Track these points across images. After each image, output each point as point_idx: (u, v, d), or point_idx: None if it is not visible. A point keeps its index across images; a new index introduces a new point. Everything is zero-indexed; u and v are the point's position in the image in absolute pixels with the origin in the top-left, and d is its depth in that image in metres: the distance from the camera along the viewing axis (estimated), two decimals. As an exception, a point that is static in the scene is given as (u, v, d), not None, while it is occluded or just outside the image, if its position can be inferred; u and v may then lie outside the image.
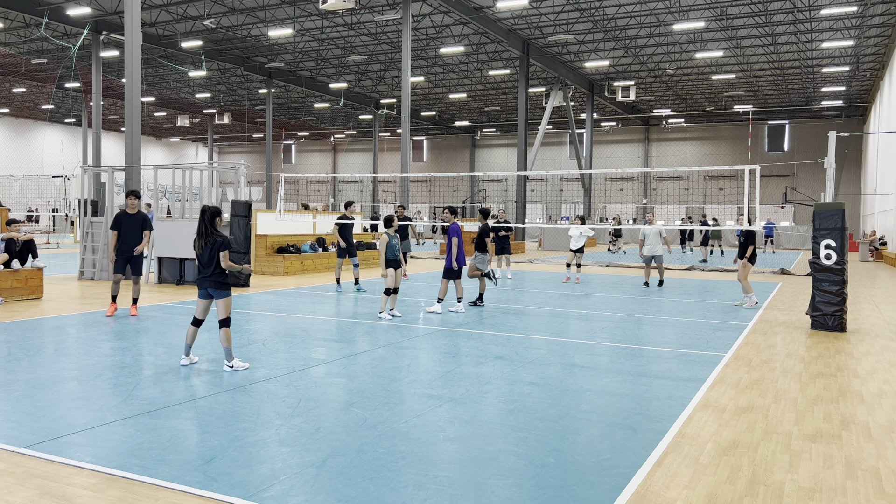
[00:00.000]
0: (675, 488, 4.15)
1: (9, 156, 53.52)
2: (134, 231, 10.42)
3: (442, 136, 63.13)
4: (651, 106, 49.79)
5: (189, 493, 3.93)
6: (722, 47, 33.12)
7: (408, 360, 7.69)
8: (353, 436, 4.96)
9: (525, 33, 32.33)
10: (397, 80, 41.48)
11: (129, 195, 10.58)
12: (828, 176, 11.50)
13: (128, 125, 15.89)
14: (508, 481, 4.19)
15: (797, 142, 50.41)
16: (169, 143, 70.20)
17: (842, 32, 30.38)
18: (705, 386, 6.69)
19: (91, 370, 6.86)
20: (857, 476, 4.43)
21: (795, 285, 17.32)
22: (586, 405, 5.92)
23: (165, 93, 47.25)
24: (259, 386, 6.35)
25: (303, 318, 10.67)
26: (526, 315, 11.36)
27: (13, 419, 5.24)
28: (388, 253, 10.83)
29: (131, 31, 15.81)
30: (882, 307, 13.31)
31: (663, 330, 10.11)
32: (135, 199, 10.51)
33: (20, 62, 37.81)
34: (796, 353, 8.53)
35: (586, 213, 41.88)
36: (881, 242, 31.44)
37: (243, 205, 14.70)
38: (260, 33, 33.35)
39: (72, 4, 28.51)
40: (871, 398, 6.37)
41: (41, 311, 10.90)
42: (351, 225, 14.52)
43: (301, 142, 69.23)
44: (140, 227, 10.50)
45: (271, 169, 47.41)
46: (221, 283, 6.96)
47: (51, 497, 3.87)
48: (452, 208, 11.88)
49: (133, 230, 10.41)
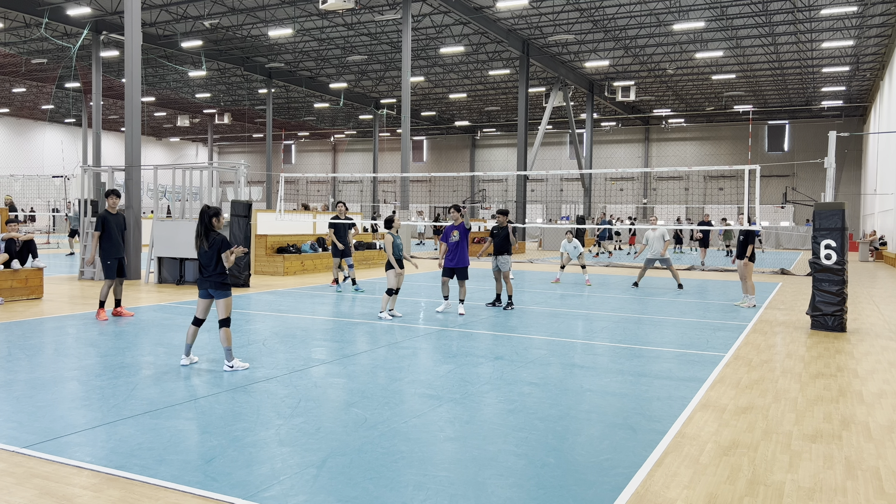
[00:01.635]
0: (675, 488, 4.15)
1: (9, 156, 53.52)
2: (120, 231, 10.34)
3: (442, 136, 63.13)
4: (651, 106, 49.79)
5: (189, 493, 3.93)
6: (722, 47, 33.11)
7: (408, 360, 7.69)
8: (353, 436, 4.97)
9: (525, 33, 32.33)
10: (397, 80, 41.48)
11: (111, 194, 10.50)
12: (828, 176, 11.50)
13: (128, 125, 15.89)
14: (508, 481, 4.19)
15: (797, 142, 50.41)
16: (169, 143, 70.20)
17: (842, 32, 30.37)
18: (705, 386, 6.69)
19: (91, 370, 6.86)
20: (857, 476, 4.43)
21: (795, 285, 17.32)
22: (586, 405, 5.92)
23: (165, 93, 47.26)
24: (259, 386, 6.35)
25: (303, 318, 10.67)
26: (526, 315, 11.36)
27: (13, 419, 5.24)
28: (393, 252, 10.87)
29: (131, 31, 15.81)
30: (882, 307, 13.31)
31: (663, 330, 10.11)
32: (115, 198, 10.44)
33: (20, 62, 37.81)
34: (796, 353, 8.53)
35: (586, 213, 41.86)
36: (881, 242, 31.44)
37: (243, 205, 14.70)
38: (260, 33, 33.35)
39: (72, 4, 28.51)
40: (871, 398, 6.37)
41: (41, 311, 10.89)
42: (345, 225, 14.52)
43: (301, 142, 69.24)
44: (124, 226, 10.46)
45: (271, 169, 47.41)
46: (222, 284, 6.97)
47: (51, 497, 3.87)
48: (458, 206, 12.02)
49: (119, 230, 10.33)
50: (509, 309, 11.95)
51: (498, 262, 12.15)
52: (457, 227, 11.51)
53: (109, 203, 10.45)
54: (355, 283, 14.62)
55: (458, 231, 11.46)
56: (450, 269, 11.51)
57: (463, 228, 11.49)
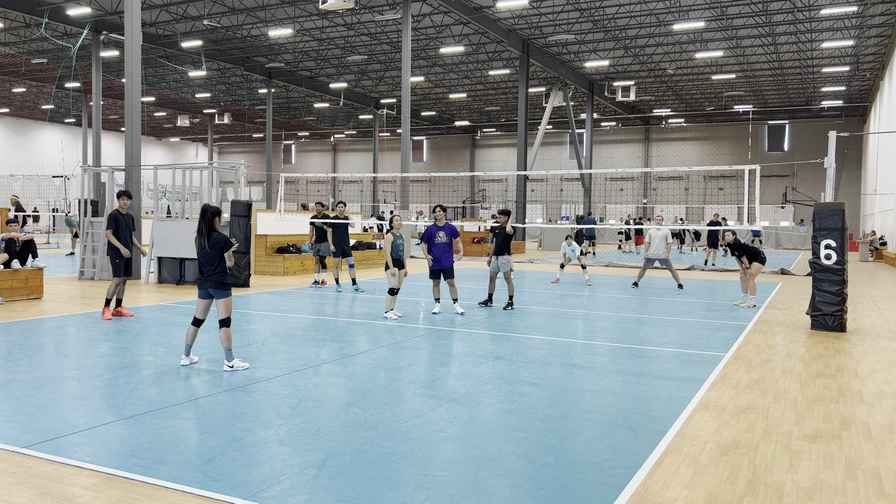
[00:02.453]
0: (675, 488, 4.15)
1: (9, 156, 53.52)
2: (129, 231, 10.61)
3: (442, 136, 63.13)
4: (651, 106, 49.79)
5: (189, 493, 3.93)
6: (722, 47, 33.11)
7: (408, 360, 7.69)
8: (353, 436, 4.96)
9: (525, 33, 32.33)
10: (397, 80, 41.48)
11: (123, 195, 10.74)
12: (828, 176, 11.49)
13: (128, 125, 15.89)
14: (508, 481, 4.19)
15: (797, 142, 50.41)
16: (169, 143, 70.20)
17: (842, 32, 30.37)
18: (705, 386, 6.69)
19: (91, 370, 6.85)
20: (857, 476, 4.43)
21: (795, 285, 17.32)
22: (586, 405, 5.92)
23: (165, 93, 47.26)
24: (259, 386, 6.35)
25: (303, 318, 10.67)
26: (526, 315, 11.35)
27: (13, 419, 5.24)
28: (392, 252, 10.84)
29: (131, 31, 15.81)
30: (882, 307, 13.30)
31: (663, 330, 10.11)
32: (127, 199, 10.68)
33: (20, 62, 37.80)
34: (796, 353, 8.53)
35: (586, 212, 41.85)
36: (881, 242, 31.44)
37: (243, 205, 14.70)
38: (260, 33, 33.35)
39: (72, 4, 28.51)
40: (871, 398, 6.37)
41: (41, 311, 10.89)
42: (345, 226, 14.52)
43: (301, 142, 69.24)
44: (133, 227, 10.75)
45: (271, 169, 47.41)
46: (222, 283, 6.96)
47: (51, 497, 3.87)
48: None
49: (128, 230, 10.60)
50: (509, 309, 11.91)
51: (498, 262, 12.05)
52: (442, 227, 11.31)
53: (121, 203, 10.69)
54: (355, 283, 14.62)
55: (445, 231, 11.28)
56: (437, 272, 11.35)
57: (450, 228, 11.34)
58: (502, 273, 12.04)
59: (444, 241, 11.27)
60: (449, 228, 11.34)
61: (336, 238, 14.36)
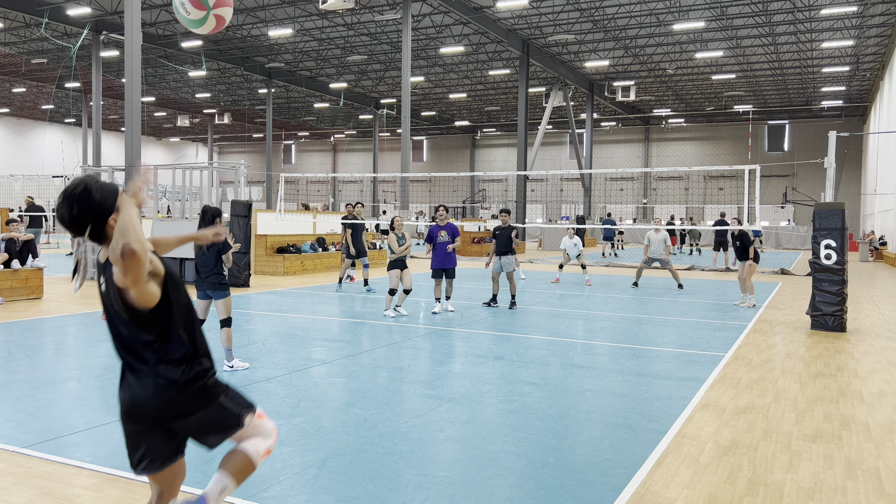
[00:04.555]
0: (675, 488, 4.15)
1: (9, 156, 53.51)
2: None
3: (442, 136, 63.12)
4: (651, 106, 49.78)
5: (189, 492, 3.93)
6: (722, 47, 33.10)
7: (408, 360, 7.69)
8: (353, 436, 4.96)
9: (525, 33, 32.33)
10: (397, 80, 41.46)
11: None
12: (828, 176, 11.49)
13: (128, 125, 15.89)
14: (508, 481, 4.19)
15: (797, 142, 50.40)
16: (169, 143, 70.20)
17: (842, 32, 30.37)
18: (705, 386, 6.69)
19: (91, 370, 6.85)
20: (857, 476, 4.43)
21: (795, 285, 17.32)
22: (586, 405, 5.92)
23: (165, 93, 47.24)
24: (259, 386, 6.35)
25: (303, 318, 10.67)
26: (526, 315, 11.35)
27: (13, 419, 5.24)
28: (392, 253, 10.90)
29: (131, 31, 15.81)
30: (882, 307, 13.30)
31: (663, 330, 10.11)
32: None
33: (20, 62, 37.79)
34: (796, 353, 8.53)
35: (586, 213, 41.86)
36: (881, 242, 31.44)
37: (243, 205, 14.70)
38: (260, 33, 33.34)
39: (72, 4, 28.51)
40: (871, 398, 6.37)
41: (41, 311, 10.90)
42: (361, 226, 14.54)
43: (301, 142, 69.22)
44: None
45: (271, 169, 47.41)
46: (220, 284, 6.96)
47: (51, 497, 3.87)
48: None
49: None
50: (513, 308, 11.94)
51: (501, 262, 12.04)
52: (444, 227, 11.42)
53: None
54: (367, 284, 14.61)
55: (447, 231, 11.39)
56: (440, 271, 11.42)
57: (451, 228, 11.42)
58: (505, 273, 12.05)
59: (447, 240, 11.36)
60: (450, 228, 11.43)
61: (354, 238, 14.42)
